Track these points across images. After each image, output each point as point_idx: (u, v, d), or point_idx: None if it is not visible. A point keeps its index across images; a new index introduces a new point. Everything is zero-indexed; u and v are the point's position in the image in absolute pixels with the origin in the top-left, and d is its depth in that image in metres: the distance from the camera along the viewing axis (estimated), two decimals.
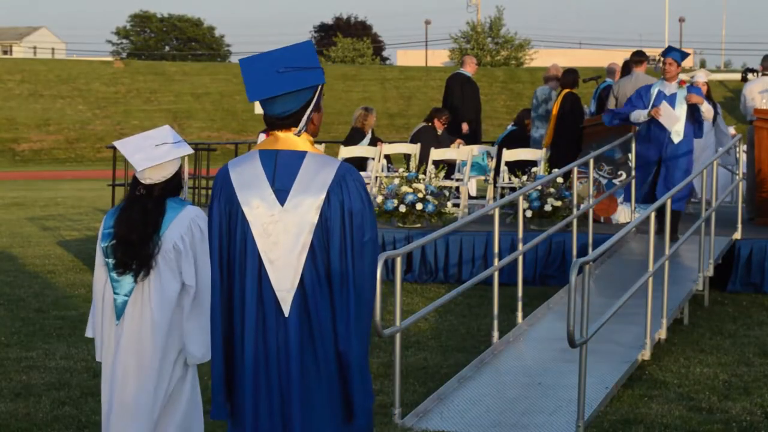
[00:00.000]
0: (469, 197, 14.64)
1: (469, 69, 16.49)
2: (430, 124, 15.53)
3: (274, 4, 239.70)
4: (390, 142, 17.61)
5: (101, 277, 5.20)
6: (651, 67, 27.67)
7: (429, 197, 12.57)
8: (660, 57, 12.36)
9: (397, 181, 12.76)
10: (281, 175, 4.25)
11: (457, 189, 14.30)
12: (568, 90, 14.05)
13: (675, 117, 11.53)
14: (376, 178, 14.15)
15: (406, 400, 7.42)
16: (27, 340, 9.47)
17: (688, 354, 8.96)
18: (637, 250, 11.73)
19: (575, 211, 11.18)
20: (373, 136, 15.47)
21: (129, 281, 5.07)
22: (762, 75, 13.67)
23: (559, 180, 12.24)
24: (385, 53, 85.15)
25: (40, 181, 33.21)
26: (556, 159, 13.54)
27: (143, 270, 5.05)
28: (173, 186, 5.18)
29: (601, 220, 13.03)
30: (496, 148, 15.09)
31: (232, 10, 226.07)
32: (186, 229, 5.06)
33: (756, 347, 9.23)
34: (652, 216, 8.43)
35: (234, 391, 4.35)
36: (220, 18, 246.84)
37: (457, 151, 14.85)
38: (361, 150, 15.00)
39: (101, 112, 50.52)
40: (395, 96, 53.95)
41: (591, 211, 11.65)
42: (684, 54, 11.86)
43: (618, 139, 12.34)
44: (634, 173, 12.23)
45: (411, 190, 12.57)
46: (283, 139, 4.30)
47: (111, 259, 5.09)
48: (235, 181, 4.29)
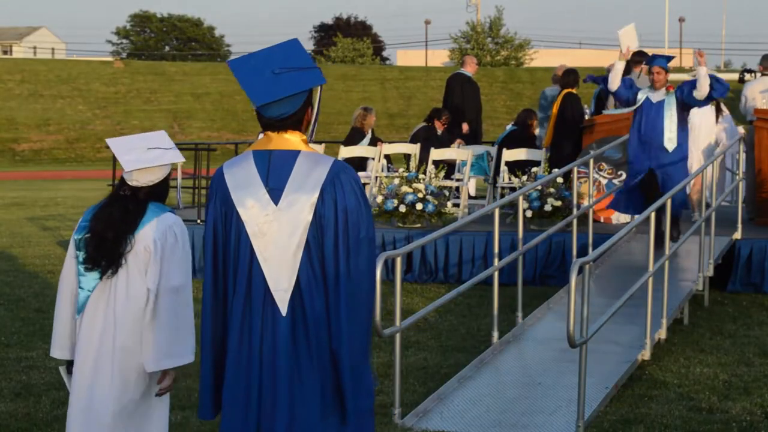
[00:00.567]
0: (469, 197, 14.65)
1: (469, 69, 16.49)
2: (430, 124, 15.54)
3: (274, 4, 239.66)
4: (390, 142, 17.59)
5: (71, 269, 5.07)
6: None
7: (429, 197, 12.57)
8: (645, 66, 12.25)
9: (397, 181, 12.77)
10: (275, 174, 4.26)
11: (457, 189, 14.31)
12: (568, 90, 14.05)
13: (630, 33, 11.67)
14: (376, 178, 14.15)
15: (406, 400, 7.43)
16: (27, 340, 9.47)
17: (688, 354, 8.96)
18: (637, 250, 11.73)
19: (575, 211, 11.19)
20: (373, 136, 15.48)
21: (94, 277, 4.97)
22: (762, 75, 13.67)
23: (559, 180, 12.25)
24: (385, 53, 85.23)
25: (40, 181, 33.17)
26: (556, 159, 13.54)
27: (111, 268, 4.95)
28: (159, 191, 5.09)
29: (601, 220, 13.04)
30: (496, 148, 15.10)
31: (232, 10, 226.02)
32: (161, 234, 4.93)
33: (756, 347, 9.23)
34: (652, 216, 8.43)
35: (224, 391, 4.32)
36: (220, 18, 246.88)
37: (457, 151, 14.85)
38: (361, 150, 15.01)
39: (101, 112, 50.47)
40: (395, 96, 53.91)
41: (591, 211, 11.65)
42: (669, 58, 11.67)
43: (618, 139, 12.33)
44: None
45: (411, 190, 12.57)
46: (276, 139, 4.30)
47: (82, 252, 4.99)
48: (229, 183, 4.30)
